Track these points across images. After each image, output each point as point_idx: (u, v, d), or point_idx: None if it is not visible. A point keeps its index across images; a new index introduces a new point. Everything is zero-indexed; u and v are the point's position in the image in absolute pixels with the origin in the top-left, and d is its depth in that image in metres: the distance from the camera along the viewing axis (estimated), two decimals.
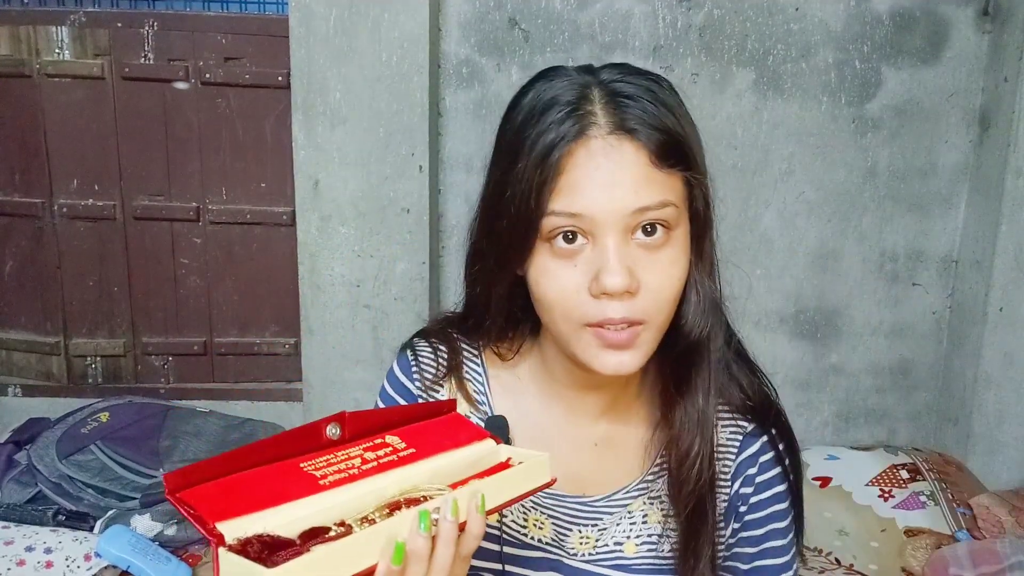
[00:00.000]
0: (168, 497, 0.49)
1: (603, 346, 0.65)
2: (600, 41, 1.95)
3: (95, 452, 1.70)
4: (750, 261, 2.07)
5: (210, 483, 0.50)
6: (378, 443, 0.59)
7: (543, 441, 0.77)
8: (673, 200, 0.64)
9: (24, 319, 2.12)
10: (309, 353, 1.97)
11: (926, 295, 2.11)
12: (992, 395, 1.97)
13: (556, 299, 0.65)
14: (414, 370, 0.79)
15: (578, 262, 0.64)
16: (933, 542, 1.67)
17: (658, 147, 0.63)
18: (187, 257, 2.07)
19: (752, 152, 2.01)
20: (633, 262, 0.63)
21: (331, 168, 1.87)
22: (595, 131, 0.63)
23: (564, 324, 0.66)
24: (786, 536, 0.78)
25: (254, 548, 0.47)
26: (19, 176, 2.03)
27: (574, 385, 0.76)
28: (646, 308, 0.64)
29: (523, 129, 0.65)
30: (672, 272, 0.65)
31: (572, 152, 0.62)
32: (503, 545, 0.74)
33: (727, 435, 0.77)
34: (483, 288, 0.73)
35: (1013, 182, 1.88)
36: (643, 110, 0.63)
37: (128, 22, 1.95)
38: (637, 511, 0.76)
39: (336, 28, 1.81)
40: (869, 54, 1.98)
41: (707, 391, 0.72)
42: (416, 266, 1.91)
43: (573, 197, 0.62)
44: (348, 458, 0.56)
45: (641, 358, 0.66)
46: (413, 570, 0.52)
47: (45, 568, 1.50)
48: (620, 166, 0.62)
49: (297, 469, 0.54)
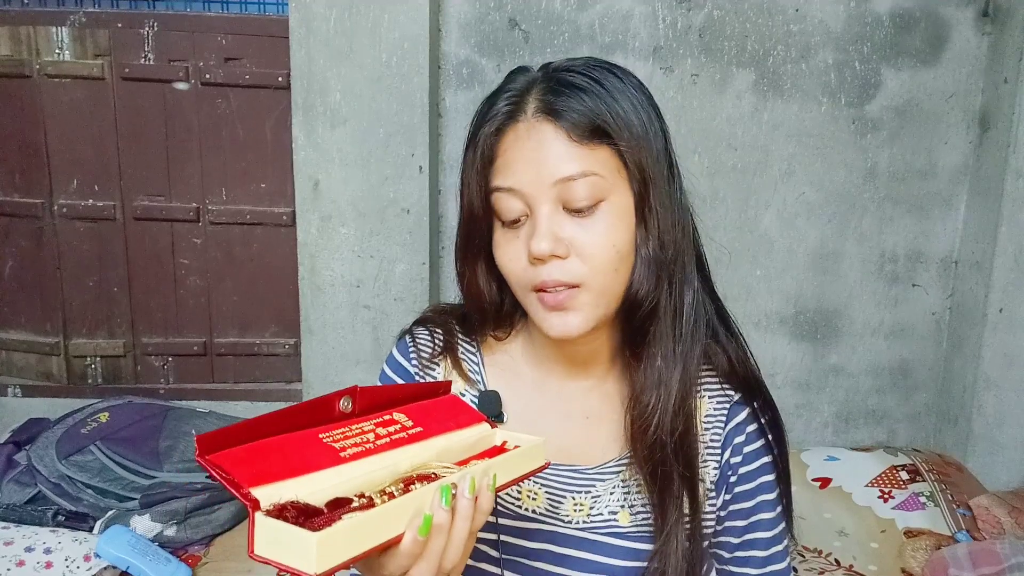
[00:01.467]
0: (199, 459, 0.50)
1: (546, 309, 0.71)
2: (600, 42, 1.95)
3: (95, 452, 1.70)
4: (750, 262, 2.07)
5: (239, 448, 0.52)
6: (387, 419, 0.63)
7: (536, 415, 0.80)
8: (597, 171, 0.69)
9: (24, 319, 2.12)
10: (309, 353, 1.96)
11: (926, 296, 2.11)
12: (992, 396, 1.97)
13: (508, 268, 0.73)
14: (411, 351, 0.83)
15: (520, 233, 0.72)
16: (933, 543, 1.67)
17: (576, 124, 0.69)
18: (187, 257, 2.07)
19: (752, 153, 2.01)
20: (563, 229, 0.69)
21: (331, 168, 1.87)
22: (522, 116, 0.71)
23: (519, 290, 0.74)
24: (774, 508, 0.80)
25: (291, 514, 0.49)
26: (19, 176, 2.03)
27: (562, 360, 0.80)
28: (580, 272, 0.70)
29: (475, 122, 0.75)
30: (604, 237, 0.70)
31: (504, 135, 0.71)
32: (498, 517, 0.77)
33: (715, 404, 0.80)
34: (461, 274, 0.80)
35: (1013, 183, 1.88)
36: (570, 94, 0.70)
37: (128, 22, 1.95)
38: (631, 480, 0.79)
39: (336, 29, 1.81)
40: (869, 55, 1.98)
41: (667, 352, 0.75)
42: (416, 267, 1.91)
43: (507, 173, 0.71)
44: (362, 432, 0.60)
45: (583, 321, 0.71)
46: (435, 541, 0.55)
47: (45, 568, 1.50)
48: (542, 143, 0.69)
49: (318, 440, 0.56)
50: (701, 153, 2.01)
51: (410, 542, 0.54)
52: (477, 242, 0.76)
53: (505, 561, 0.77)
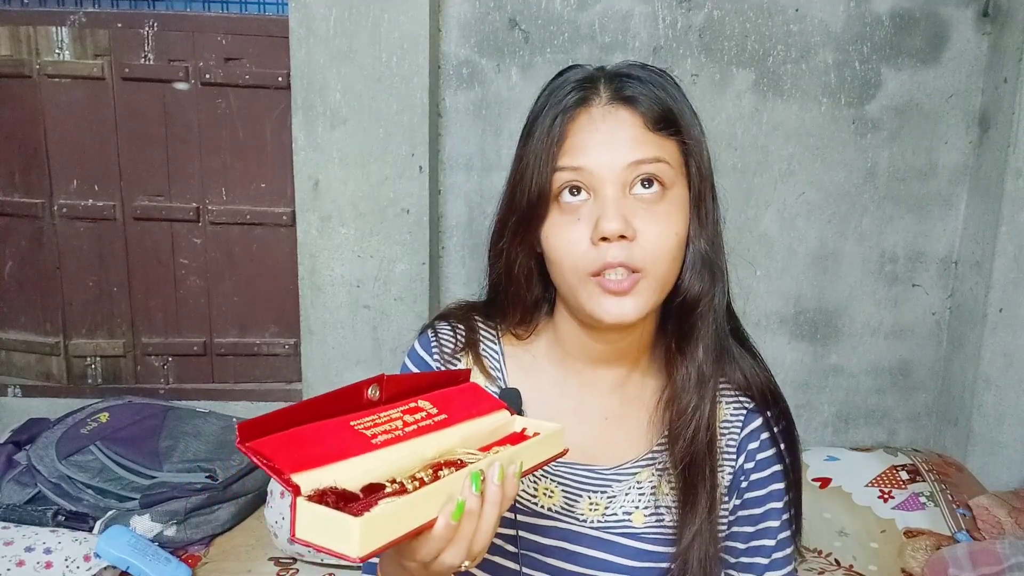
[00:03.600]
0: (240, 447, 0.51)
1: (604, 293, 0.71)
2: (600, 42, 1.95)
3: (95, 452, 1.70)
4: (750, 262, 2.07)
5: (278, 435, 0.53)
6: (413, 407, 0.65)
7: (555, 414, 0.80)
8: (667, 159, 0.71)
9: (24, 319, 2.12)
10: (309, 353, 1.96)
11: (926, 296, 2.11)
12: (992, 396, 1.97)
13: (564, 251, 0.72)
14: (433, 345, 0.83)
15: (581, 215, 0.71)
16: (933, 543, 1.67)
17: (652, 113, 0.71)
18: (187, 257, 2.07)
19: (752, 153, 2.01)
20: (630, 213, 0.70)
21: (331, 168, 1.87)
22: (596, 101, 0.72)
23: (572, 276, 0.72)
24: (781, 516, 0.81)
25: (331, 499, 0.50)
26: (19, 176, 2.03)
27: (587, 360, 0.80)
28: (643, 256, 0.70)
29: (538, 109, 0.75)
30: (668, 226, 0.71)
31: (576, 118, 0.72)
32: (516, 513, 0.78)
33: (731, 411, 0.81)
34: (508, 258, 0.78)
35: (1013, 183, 1.88)
36: (641, 85, 0.72)
37: (128, 22, 1.95)
38: (646, 482, 0.79)
39: (336, 29, 1.81)
40: (869, 55, 1.98)
41: (708, 349, 0.76)
42: (416, 266, 1.91)
43: (576, 154, 0.71)
44: (390, 419, 0.61)
45: (641, 306, 0.71)
46: (467, 526, 0.57)
47: (44, 568, 1.50)
48: (617, 127, 0.71)
49: (349, 427, 0.58)
50: None
51: (443, 527, 0.55)
52: (535, 226, 0.74)
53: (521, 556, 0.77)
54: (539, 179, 0.72)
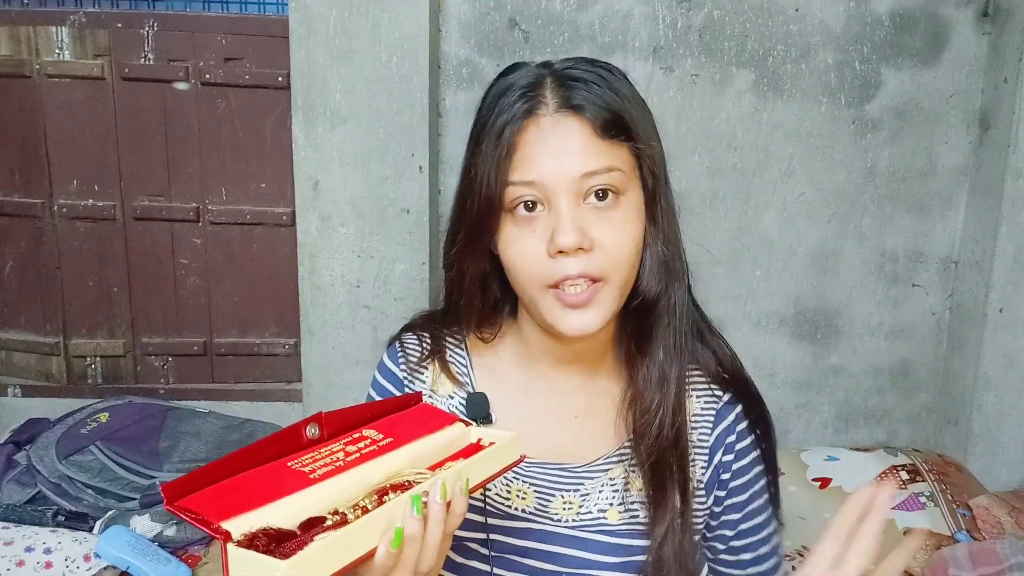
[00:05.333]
0: (168, 507, 0.50)
1: (564, 307, 0.71)
2: (600, 42, 1.95)
3: (95, 452, 1.70)
4: (750, 262, 2.07)
5: (206, 489, 0.51)
6: (356, 437, 0.62)
7: (524, 416, 0.81)
8: (619, 166, 0.71)
9: (24, 319, 2.12)
10: (309, 354, 1.96)
11: (926, 296, 2.11)
12: (992, 396, 1.97)
13: (520, 264, 0.72)
14: (400, 356, 0.84)
15: (537, 228, 0.71)
16: (933, 543, 1.67)
17: (601, 121, 0.70)
18: (187, 257, 2.07)
19: (752, 153, 2.01)
20: (586, 223, 0.69)
21: (331, 169, 1.87)
22: (543, 110, 0.71)
23: (530, 288, 0.72)
24: (763, 496, 0.82)
25: (261, 542, 0.49)
26: (19, 176, 2.03)
27: (552, 360, 0.80)
28: (603, 265, 0.70)
29: (485, 116, 0.74)
30: (625, 232, 0.71)
31: (524, 129, 0.70)
32: (487, 517, 0.77)
33: (702, 404, 0.81)
34: (459, 268, 0.78)
35: (1013, 183, 1.88)
36: (588, 90, 0.70)
37: (128, 22, 1.95)
38: (619, 478, 0.79)
39: (336, 29, 1.81)
40: (869, 55, 1.98)
41: (668, 349, 0.76)
42: (416, 267, 1.91)
43: (527, 168, 0.70)
44: (331, 453, 0.59)
45: (602, 316, 0.71)
46: (409, 550, 0.56)
47: (44, 568, 1.50)
48: (566, 138, 0.70)
49: (286, 468, 0.56)
50: (701, 153, 2.01)
51: (383, 555, 0.54)
52: (486, 238, 0.74)
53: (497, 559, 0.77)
54: (490, 192, 0.71)
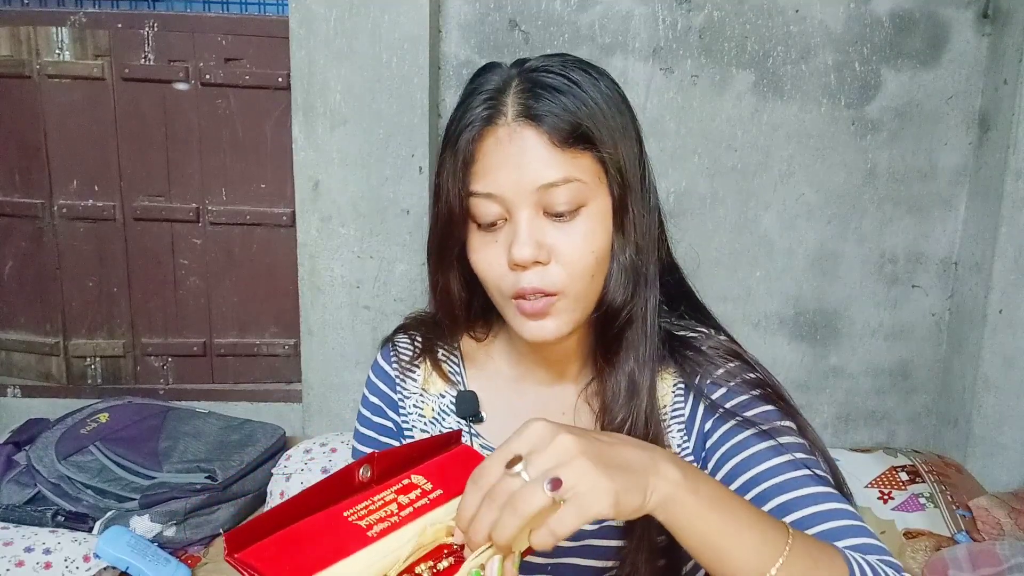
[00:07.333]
0: (228, 560, 0.49)
1: (524, 315, 0.71)
2: (600, 43, 1.95)
3: (94, 453, 1.70)
4: (750, 263, 2.07)
5: (268, 540, 0.51)
6: (406, 485, 0.62)
7: (513, 413, 0.80)
8: (579, 176, 0.69)
9: (24, 319, 2.12)
10: (309, 354, 1.96)
11: (926, 297, 2.11)
12: (991, 397, 1.97)
13: (485, 273, 0.72)
14: (392, 356, 0.85)
15: (499, 238, 0.71)
16: (932, 544, 1.67)
17: (560, 132, 0.68)
18: (187, 258, 2.07)
19: (752, 154, 2.01)
20: (544, 234, 0.69)
21: (331, 169, 1.87)
22: (502, 120, 0.69)
23: (496, 296, 0.73)
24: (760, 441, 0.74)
25: None
26: (19, 176, 2.03)
27: (538, 360, 0.81)
28: (558, 278, 0.69)
29: (451, 121, 0.73)
30: (585, 244, 0.69)
31: (483, 139, 0.69)
32: None
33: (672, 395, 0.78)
34: (439, 276, 0.79)
35: (1013, 184, 1.88)
36: (551, 98, 0.68)
37: (128, 23, 1.95)
38: None
39: (336, 29, 1.81)
40: (869, 56, 1.98)
41: (639, 358, 0.74)
42: (416, 267, 1.91)
43: (487, 180, 0.69)
44: (384, 503, 0.59)
45: (561, 325, 0.71)
46: None
47: (44, 569, 1.50)
48: (524, 148, 0.68)
49: (344, 520, 0.56)
50: (701, 154, 2.01)
51: None
52: (452, 246, 0.75)
53: None
54: (453, 202, 0.71)
